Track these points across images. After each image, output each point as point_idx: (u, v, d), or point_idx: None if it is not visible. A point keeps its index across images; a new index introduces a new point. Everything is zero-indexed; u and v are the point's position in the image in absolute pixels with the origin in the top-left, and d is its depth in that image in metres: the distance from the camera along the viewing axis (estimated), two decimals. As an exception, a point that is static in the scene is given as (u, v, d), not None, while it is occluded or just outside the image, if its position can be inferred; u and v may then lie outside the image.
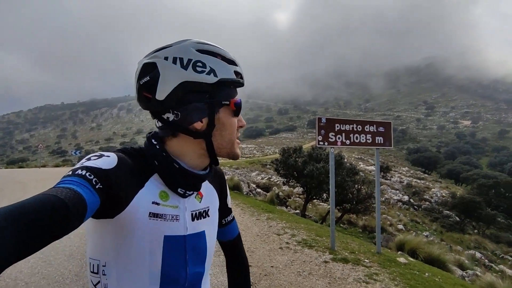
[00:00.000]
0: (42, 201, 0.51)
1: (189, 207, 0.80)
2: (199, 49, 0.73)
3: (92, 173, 0.62)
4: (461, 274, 8.30)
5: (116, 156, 0.70)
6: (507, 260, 15.71)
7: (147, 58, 0.75)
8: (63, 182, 0.59)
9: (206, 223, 0.84)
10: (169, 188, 0.76)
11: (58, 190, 0.55)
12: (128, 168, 0.70)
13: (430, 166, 55.19)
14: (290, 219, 7.46)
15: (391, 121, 5.88)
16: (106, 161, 0.67)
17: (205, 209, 0.85)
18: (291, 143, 61.85)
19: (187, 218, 0.79)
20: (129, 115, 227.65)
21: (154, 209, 0.72)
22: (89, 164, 0.64)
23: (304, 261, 4.49)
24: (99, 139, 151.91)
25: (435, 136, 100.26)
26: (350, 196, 12.42)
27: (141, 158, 0.75)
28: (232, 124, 0.77)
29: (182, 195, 0.78)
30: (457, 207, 22.99)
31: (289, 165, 13.75)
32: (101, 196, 0.61)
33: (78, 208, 0.55)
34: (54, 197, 0.52)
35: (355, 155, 48.54)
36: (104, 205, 0.63)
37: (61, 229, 0.52)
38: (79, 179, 0.60)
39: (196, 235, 0.80)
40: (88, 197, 0.58)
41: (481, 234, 21.05)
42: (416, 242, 6.66)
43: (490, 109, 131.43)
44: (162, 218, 0.73)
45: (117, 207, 0.67)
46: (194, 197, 0.83)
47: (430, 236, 16.18)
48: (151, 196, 0.73)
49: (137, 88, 0.74)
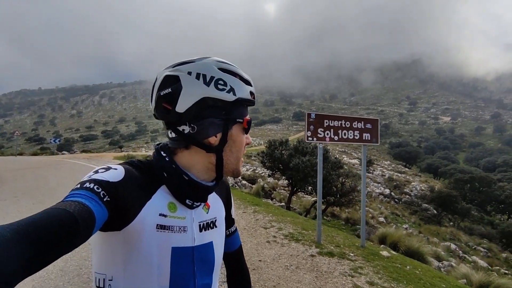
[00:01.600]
0: (53, 216, 0.52)
1: (197, 218, 0.80)
2: (221, 67, 0.76)
3: (100, 186, 0.63)
4: (438, 265, 8.69)
5: (123, 168, 0.71)
6: (479, 251, 16.54)
7: (169, 70, 0.76)
8: (72, 196, 0.60)
9: (213, 234, 0.84)
10: (177, 199, 0.77)
11: (67, 204, 0.56)
12: (135, 181, 0.71)
13: (410, 160, 56.94)
14: (276, 212, 7.55)
15: (378, 118, 5.99)
16: (113, 173, 0.68)
17: (213, 219, 0.85)
18: (276, 135, 62.18)
19: (195, 229, 0.79)
20: (111, 103, 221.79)
21: (162, 221, 0.72)
22: (96, 177, 0.65)
23: (291, 255, 4.57)
24: (79, 126, 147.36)
25: (416, 131, 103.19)
26: (334, 189, 12.65)
27: (148, 171, 0.76)
28: (242, 141, 0.80)
29: (190, 206, 0.78)
30: (435, 200, 23.88)
31: (275, 158, 13.82)
32: (109, 209, 0.62)
33: (87, 222, 0.56)
34: (64, 211, 0.53)
35: (339, 148, 49.35)
36: (112, 217, 0.64)
37: (70, 244, 0.53)
38: (87, 192, 0.61)
39: (204, 246, 0.80)
40: (96, 210, 0.59)
41: (456, 227, 22.02)
42: (397, 235, 6.89)
43: (469, 107, 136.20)
44: (169, 230, 0.73)
45: (124, 219, 0.67)
46: (202, 208, 0.83)
47: (409, 228, 16.77)
48: (158, 208, 0.73)
49: (157, 98, 0.75)
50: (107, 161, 17.98)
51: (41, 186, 8.99)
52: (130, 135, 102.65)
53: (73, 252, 4.02)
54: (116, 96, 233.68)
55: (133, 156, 21.39)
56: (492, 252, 17.18)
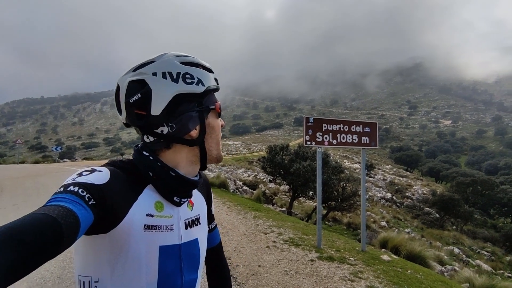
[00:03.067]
0: (34, 221, 0.49)
1: (183, 216, 0.81)
2: (183, 61, 0.77)
3: (85, 190, 0.61)
4: (441, 269, 8.60)
5: (108, 170, 0.69)
6: (482, 255, 16.38)
7: (131, 75, 0.75)
8: (55, 200, 0.58)
9: (198, 231, 0.85)
10: (164, 197, 0.77)
11: (50, 209, 0.54)
12: (121, 182, 0.70)
13: (412, 164, 56.83)
14: (277, 217, 7.51)
15: (376, 121, 5.99)
16: (98, 176, 0.66)
17: (197, 216, 0.86)
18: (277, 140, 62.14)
19: (181, 226, 0.80)
20: (113, 110, 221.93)
21: (149, 221, 0.72)
22: (81, 180, 0.63)
23: (291, 260, 4.54)
24: (81, 134, 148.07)
25: (417, 135, 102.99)
26: (335, 194, 12.62)
27: (133, 171, 0.75)
28: (219, 125, 0.84)
29: (177, 203, 0.79)
30: (437, 204, 23.74)
31: (276, 163, 13.80)
32: (94, 212, 0.61)
33: (71, 227, 0.54)
34: (46, 216, 0.51)
35: (340, 153, 49.27)
36: (97, 221, 0.62)
37: (54, 250, 0.51)
38: (72, 195, 0.59)
39: (190, 243, 0.81)
40: (81, 214, 0.57)
41: (459, 230, 21.85)
42: (399, 240, 6.84)
43: (469, 110, 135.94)
44: (157, 229, 0.73)
45: (111, 222, 0.66)
46: (186, 206, 0.84)
47: (411, 232, 16.64)
48: (145, 208, 0.73)
49: (126, 106, 0.74)
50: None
51: (41, 194, 8.99)
52: (132, 142, 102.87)
53: (71, 259, 4.00)
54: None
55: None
56: (496, 256, 17.02)
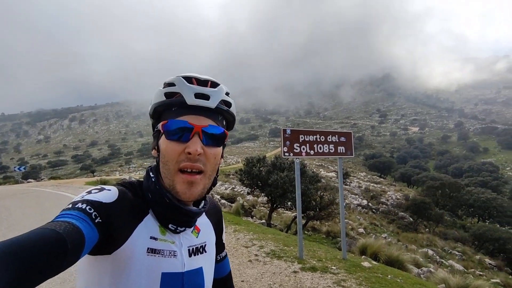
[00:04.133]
0: (40, 236, 0.49)
1: (186, 243, 0.78)
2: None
3: (92, 207, 0.62)
4: (417, 272, 8.86)
5: (117, 189, 0.70)
6: (454, 255, 17.09)
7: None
8: (62, 216, 0.58)
9: (203, 259, 0.81)
10: (160, 223, 0.74)
11: (57, 224, 0.54)
12: (128, 202, 0.70)
13: (385, 170, 58.92)
14: (257, 230, 7.44)
15: (351, 130, 6.18)
16: (106, 194, 0.67)
17: (202, 244, 0.82)
18: (253, 152, 62.33)
19: (184, 254, 0.76)
20: (82, 126, 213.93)
21: (152, 245, 0.71)
22: (89, 198, 0.64)
23: (274, 272, 4.49)
24: (47, 152, 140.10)
25: (388, 142, 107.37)
26: (313, 203, 12.74)
27: (141, 192, 0.75)
28: (168, 150, 0.70)
29: (173, 231, 0.75)
30: (410, 208, 24.64)
31: (253, 175, 13.78)
32: (100, 231, 0.61)
33: (76, 244, 0.54)
34: (52, 232, 0.51)
35: (316, 162, 50.14)
36: (102, 240, 0.62)
37: (58, 266, 0.51)
38: (79, 212, 0.60)
39: (194, 272, 0.77)
40: (86, 231, 0.58)
41: (431, 232, 22.73)
42: (377, 246, 6.99)
43: (434, 117, 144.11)
44: (160, 254, 0.71)
45: (115, 242, 0.65)
46: (191, 232, 0.80)
47: (388, 237, 17.09)
48: (149, 231, 0.71)
49: None
50: (78, 187, 17.12)
51: (3, 218, 8.35)
52: (103, 158, 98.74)
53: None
54: (87, 119, 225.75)
55: (106, 181, 20.53)
56: (466, 255, 17.82)
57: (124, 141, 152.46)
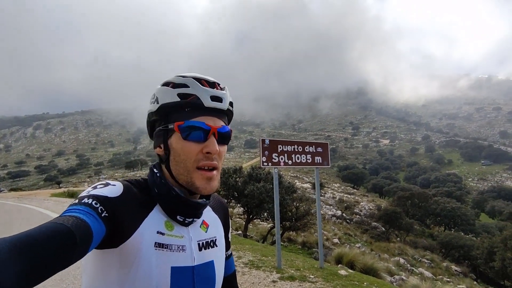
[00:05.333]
0: (50, 231, 0.51)
1: (195, 237, 0.79)
2: (162, 83, 0.79)
3: (98, 202, 0.64)
4: (390, 279, 9.11)
5: (122, 184, 0.72)
6: (424, 263, 17.75)
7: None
8: (70, 211, 0.60)
9: (214, 253, 0.82)
10: (168, 215, 0.76)
11: (65, 219, 0.56)
12: (133, 197, 0.71)
13: (358, 181, 60.63)
14: (234, 241, 7.37)
15: (328, 142, 6.34)
16: (112, 189, 0.69)
17: (213, 239, 0.84)
18: (229, 163, 62.00)
19: (194, 248, 0.77)
20: (47, 135, 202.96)
21: (160, 239, 0.71)
22: (95, 193, 0.66)
23: (253, 282, 4.44)
24: (7, 162, 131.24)
25: (361, 154, 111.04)
26: (289, 214, 12.81)
27: (146, 188, 0.76)
28: (185, 149, 0.73)
29: (181, 222, 0.76)
30: (382, 218, 25.42)
31: (229, 186, 13.68)
32: (106, 224, 0.62)
33: (84, 237, 0.56)
34: (61, 226, 0.53)
35: (291, 173, 50.70)
36: (109, 234, 0.63)
37: (67, 259, 0.52)
38: (85, 207, 0.61)
39: (205, 265, 0.78)
40: (94, 225, 0.60)
41: (402, 241, 23.51)
42: (352, 254, 7.12)
43: (403, 130, 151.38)
44: (168, 249, 0.72)
45: (121, 236, 0.66)
46: (200, 227, 0.82)
47: (362, 247, 17.45)
48: (156, 225, 0.72)
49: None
50: (43, 199, 16.13)
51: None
52: (70, 169, 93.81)
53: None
54: (53, 128, 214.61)
55: (74, 192, 19.52)
56: (435, 262, 18.57)
57: (94, 151, 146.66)
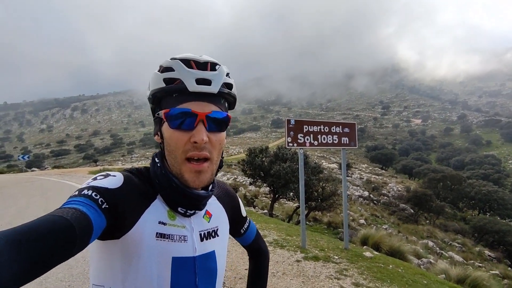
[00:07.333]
0: (48, 223, 0.50)
1: (197, 227, 0.78)
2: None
3: (98, 193, 0.63)
4: (417, 262, 8.96)
5: (122, 175, 0.70)
6: (454, 247, 17.22)
7: None
8: (69, 203, 0.59)
9: (215, 243, 0.82)
10: (169, 207, 0.75)
11: (64, 211, 0.55)
12: (134, 188, 0.70)
13: (387, 162, 58.84)
14: (260, 220, 7.52)
15: (355, 122, 6.15)
16: (112, 180, 0.67)
17: (214, 229, 0.83)
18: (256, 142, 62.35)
19: (196, 238, 0.76)
20: (84, 116, 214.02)
21: (161, 229, 0.71)
22: (95, 184, 0.65)
23: (277, 261, 4.55)
24: (50, 141, 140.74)
25: (391, 134, 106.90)
26: (315, 194, 12.81)
27: (147, 178, 0.75)
28: (173, 139, 0.70)
29: (183, 214, 0.75)
30: (411, 200, 24.72)
31: (255, 165, 13.82)
32: (107, 216, 0.62)
33: (84, 229, 0.55)
34: (60, 218, 0.52)
35: (318, 153, 50.19)
36: (110, 225, 0.63)
37: (67, 252, 0.51)
38: (85, 199, 0.60)
39: (206, 256, 0.78)
40: (94, 217, 0.58)
41: (432, 224, 22.85)
42: (378, 236, 7.04)
43: (437, 109, 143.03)
44: (169, 239, 0.71)
45: (123, 227, 0.66)
46: (203, 217, 0.81)
47: (389, 228, 17.20)
48: (157, 215, 0.72)
49: None
50: (82, 176, 17.27)
51: (9, 206, 8.46)
52: (105, 148, 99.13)
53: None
54: (89, 109, 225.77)
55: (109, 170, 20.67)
56: (466, 247, 17.95)
57: (126, 131, 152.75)
